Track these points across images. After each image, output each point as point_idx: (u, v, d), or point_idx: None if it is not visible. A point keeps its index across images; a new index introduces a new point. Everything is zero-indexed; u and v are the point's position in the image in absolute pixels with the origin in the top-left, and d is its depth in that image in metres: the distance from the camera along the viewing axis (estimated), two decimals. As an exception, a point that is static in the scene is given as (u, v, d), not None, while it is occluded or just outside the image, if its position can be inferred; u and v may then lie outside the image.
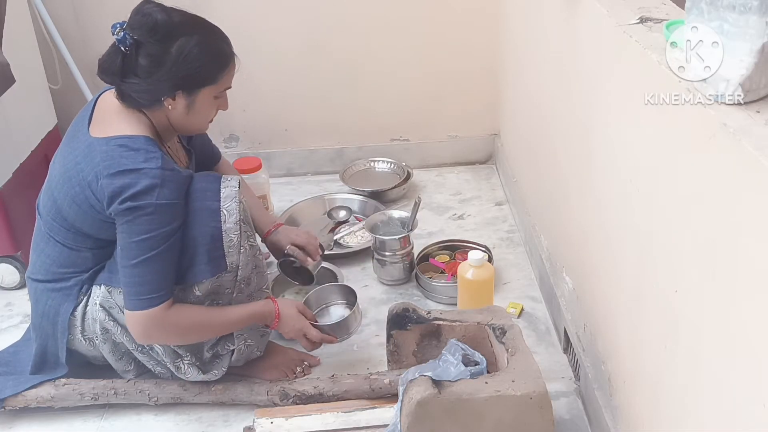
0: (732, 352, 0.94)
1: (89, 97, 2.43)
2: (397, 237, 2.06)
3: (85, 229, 1.58)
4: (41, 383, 1.67)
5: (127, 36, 1.47)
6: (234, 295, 1.61)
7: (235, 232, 1.56)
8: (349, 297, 1.88)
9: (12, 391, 1.66)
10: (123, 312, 1.58)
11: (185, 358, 1.64)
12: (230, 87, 1.62)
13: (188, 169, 1.64)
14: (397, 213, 2.17)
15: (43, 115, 2.34)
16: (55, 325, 1.65)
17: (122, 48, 1.48)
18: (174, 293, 1.54)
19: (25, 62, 2.19)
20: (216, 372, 1.67)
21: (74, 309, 1.63)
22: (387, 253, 2.06)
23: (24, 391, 1.66)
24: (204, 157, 1.87)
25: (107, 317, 1.61)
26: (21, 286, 2.14)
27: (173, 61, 1.48)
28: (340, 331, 1.76)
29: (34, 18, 2.31)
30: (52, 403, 1.67)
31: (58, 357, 1.68)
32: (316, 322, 1.77)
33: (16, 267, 2.12)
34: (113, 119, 1.55)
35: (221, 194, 1.56)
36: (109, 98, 1.59)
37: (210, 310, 1.58)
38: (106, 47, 2.65)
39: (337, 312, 1.91)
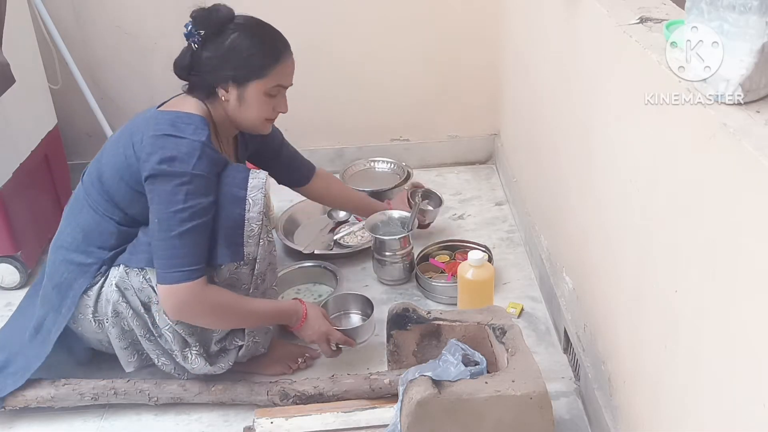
0: (732, 352, 0.94)
1: (89, 97, 2.43)
2: (397, 237, 2.06)
3: (117, 198, 1.61)
4: (41, 382, 1.67)
5: (193, 31, 1.59)
6: (250, 290, 1.63)
7: (257, 222, 1.58)
8: (365, 307, 1.89)
9: (12, 387, 1.65)
10: (137, 294, 1.61)
11: (193, 348, 1.64)
12: (284, 86, 1.68)
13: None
14: (397, 213, 2.17)
15: (43, 115, 2.34)
16: (64, 298, 1.65)
17: (191, 44, 1.61)
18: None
19: (25, 62, 2.19)
20: (222, 365, 1.67)
21: (89, 288, 1.64)
22: (387, 253, 2.06)
23: (24, 387, 1.66)
24: (291, 171, 2.00)
25: (121, 298, 1.62)
26: (21, 286, 2.14)
27: (225, 52, 1.59)
28: (357, 335, 1.78)
29: (34, 18, 2.31)
30: (52, 403, 1.67)
31: (50, 332, 1.66)
32: (336, 327, 1.78)
33: (16, 267, 2.12)
34: (179, 103, 1.64)
35: (249, 183, 1.59)
36: (180, 95, 1.69)
37: (242, 297, 1.62)
38: (106, 47, 2.67)
39: (353, 320, 1.92)
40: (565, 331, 1.78)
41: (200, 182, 1.51)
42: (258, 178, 1.61)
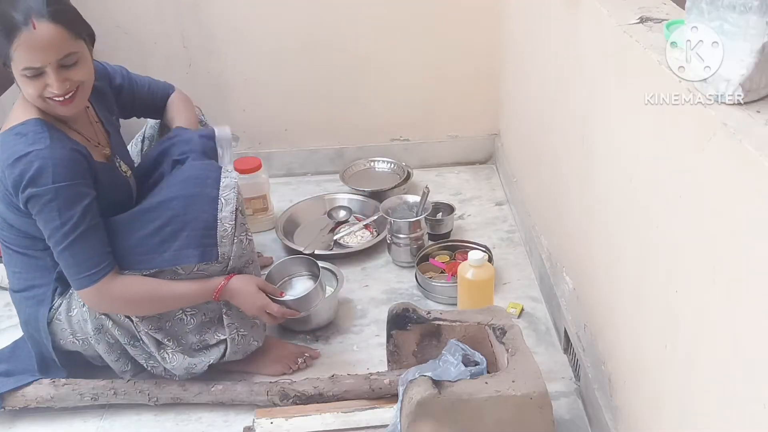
0: (732, 352, 0.94)
1: (89, 97, 2.43)
2: (408, 220, 2.14)
3: (31, 231, 1.57)
4: (41, 382, 1.67)
5: None
6: None
7: (230, 222, 1.56)
8: (312, 269, 1.86)
9: (15, 384, 1.66)
10: None
11: (168, 347, 1.65)
12: (34, 66, 1.41)
13: (100, 146, 1.61)
14: (412, 198, 2.27)
15: (42, 115, 2.33)
16: (38, 331, 1.66)
17: None
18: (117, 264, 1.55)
19: (24, 62, 2.19)
20: (203, 359, 1.66)
21: (55, 312, 1.63)
22: (401, 236, 2.14)
23: (25, 385, 1.66)
24: (149, 100, 1.84)
25: (98, 313, 1.62)
26: (21, 286, 2.14)
27: None
28: (303, 305, 1.73)
29: (33, 18, 2.31)
30: (51, 403, 1.67)
31: (55, 360, 1.68)
32: (280, 295, 1.72)
33: (15, 267, 2.12)
34: (13, 110, 1.53)
35: (221, 183, 1.57)
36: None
37: (157, 281, 1.57)
38: (105, 47, 2.66)
39: (300, 284, 1.89)
40: (566, 331, 1.78)
41: (67, 192, 1.45)
42: (230, 177, 1.59)
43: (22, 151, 1.44)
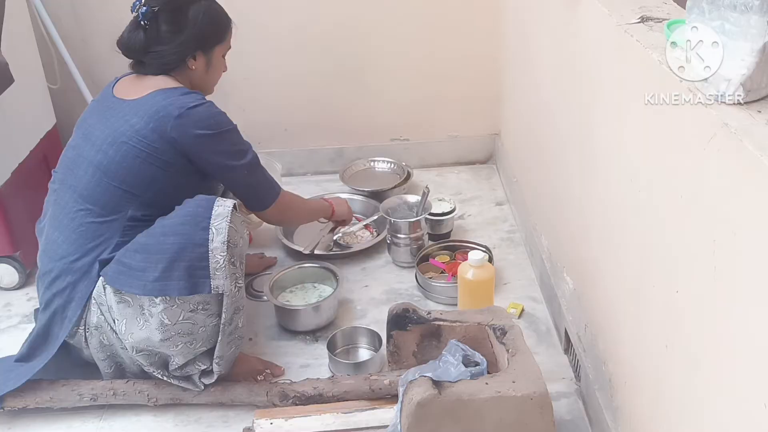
0: (733, 352, 0.94)
1: (88, 97, 2.42)
2: (408, 220, 2.13)
3: (135, 184, 1.63)
4: (40, 383, 1.66)
5: (147, 9, 1.67)
6: (218, 337, 1.61)
7: (222, 253, 1.53)
8: (374, 340, 1.83)
9: (14, 385, 1.64)
10: (110, 312, 1.59)
11: (156, 374, 1.64)
12: (231, 47, 1.84)
13: None
14: (413, 198, 2.26)
15: (41, 114, 2.33)
16: (69, 302, 1.62)
17: (143, 22, 1.68)
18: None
19: (24, 62, 2.19)
20: (191, 387, 1.66)
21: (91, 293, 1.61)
22: (400, 236, 2.14)
23: (23, 387, 1.64)
24: None
25: (98, 311, 1.61)
26: (20, 286, 2.14)
27: (192, 24, 1.70)
28: (361, 371, 1.73)
29: (33, 18, 2.31)
30: (51, 404, 1.67)
31: (57, 337, 1.64)
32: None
33: (15, 267, 2.12)
34: (148, 83, 1.70)
35: (213, 212, 1.55)
36: (126, 80, 1.75)
37: (297, 197, 1.98)
38: (105, 47, 2.65)
39: (362, 355, 1.85)
40: (566, 332, 1.77)
41: (238, 131, 1.75)
42: (224, 205, 1.56)
43: (196, 101, 1.66)
